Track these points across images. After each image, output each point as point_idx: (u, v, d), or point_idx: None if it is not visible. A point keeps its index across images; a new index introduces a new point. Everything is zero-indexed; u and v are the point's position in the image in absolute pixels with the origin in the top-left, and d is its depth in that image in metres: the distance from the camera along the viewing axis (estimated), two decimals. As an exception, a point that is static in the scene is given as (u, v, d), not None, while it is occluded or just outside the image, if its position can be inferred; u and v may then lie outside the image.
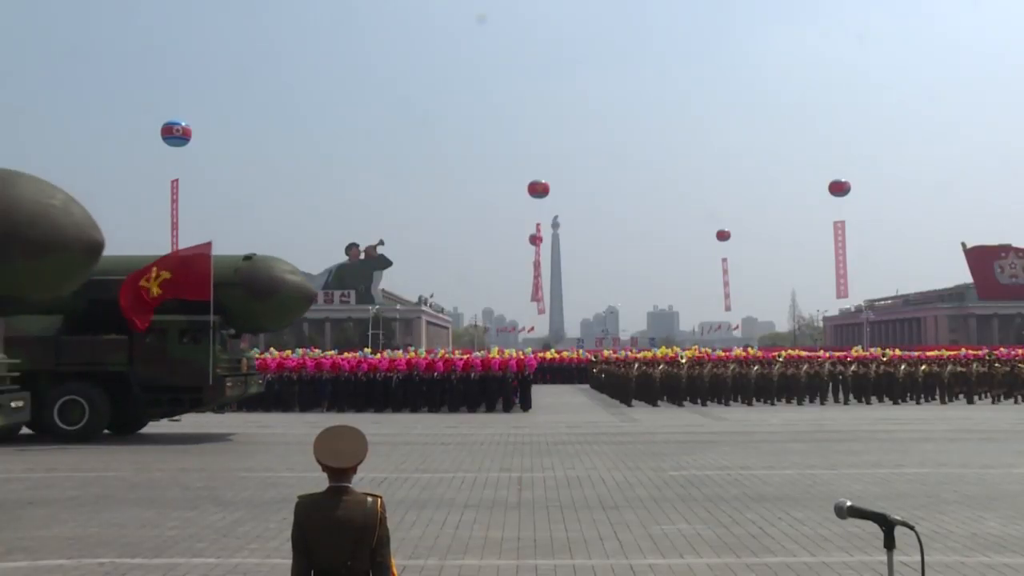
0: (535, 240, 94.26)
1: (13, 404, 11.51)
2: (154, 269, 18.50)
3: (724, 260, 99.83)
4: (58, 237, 10.30)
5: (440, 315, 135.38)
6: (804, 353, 48.53)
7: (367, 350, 37.04)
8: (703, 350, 52.46)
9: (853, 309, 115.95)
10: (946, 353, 44.96)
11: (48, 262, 10.32)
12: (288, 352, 33.88)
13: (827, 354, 45.36)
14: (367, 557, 3.84)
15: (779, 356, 41.95)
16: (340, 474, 3.88)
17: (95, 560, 8.21)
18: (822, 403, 32.27)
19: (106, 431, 19.73)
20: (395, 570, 3.99)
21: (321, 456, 3.88)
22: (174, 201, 67.63)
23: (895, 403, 32.26)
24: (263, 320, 21.75)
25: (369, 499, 3.89)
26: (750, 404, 31.42)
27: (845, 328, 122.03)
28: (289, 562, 3.96)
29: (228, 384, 19.53)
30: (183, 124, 40.74)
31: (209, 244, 19.32)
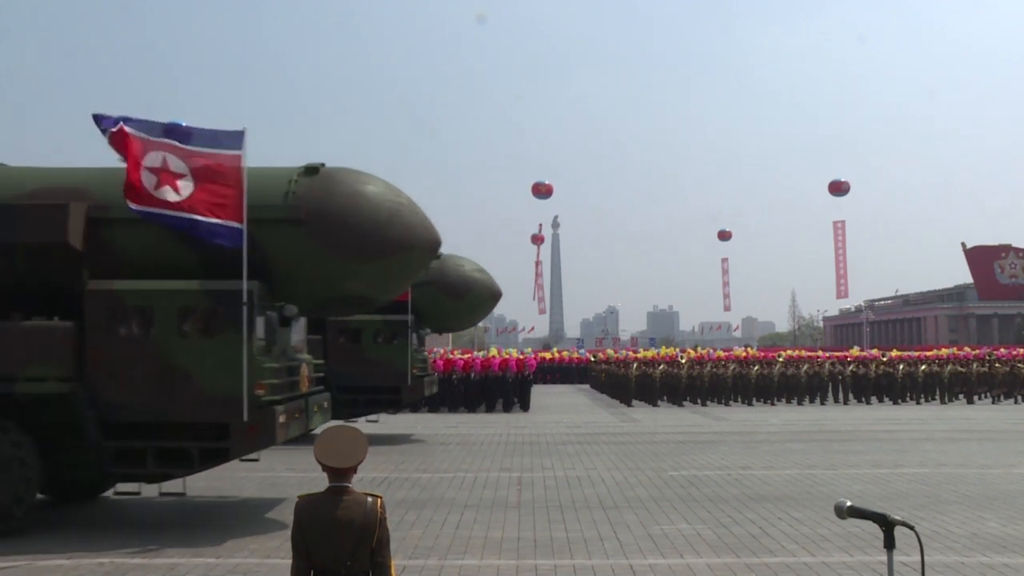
0: (536, 240, 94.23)
1: (325, 404, 11.52)
2: None
3: (724, 260, 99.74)
4: (410, 235, 10.23)
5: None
6: (804, 353, 48.53)
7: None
8: (703, 350, 52.45)
9: (853, 309, 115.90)
10: (945, 352, 44.98)
11: (400, 261, 10.28)
12: None
13: (826, 354, 45.36)
14: (367, 557, 3.84)
15: (779, 356, 41.94)
16: (340, 474, 3.88)
17: (94, 560, 8.22)
18: (822, 403, 32.26)
19: None
20: (394, 570, 3.99)
21: (321, 456, 3.88)
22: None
23: (895, 403, 32.24)
24: (452, 319, 21.60)
25: (369, 499, 3.89)
26: (750, 404, 31.42)
27: (845, 328, 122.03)
28: (289, 562, 3.96)
29: (425, 383, 19.36)
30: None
31: None
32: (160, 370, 9.31)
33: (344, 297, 10.45)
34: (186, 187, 9.20)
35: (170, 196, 9.12)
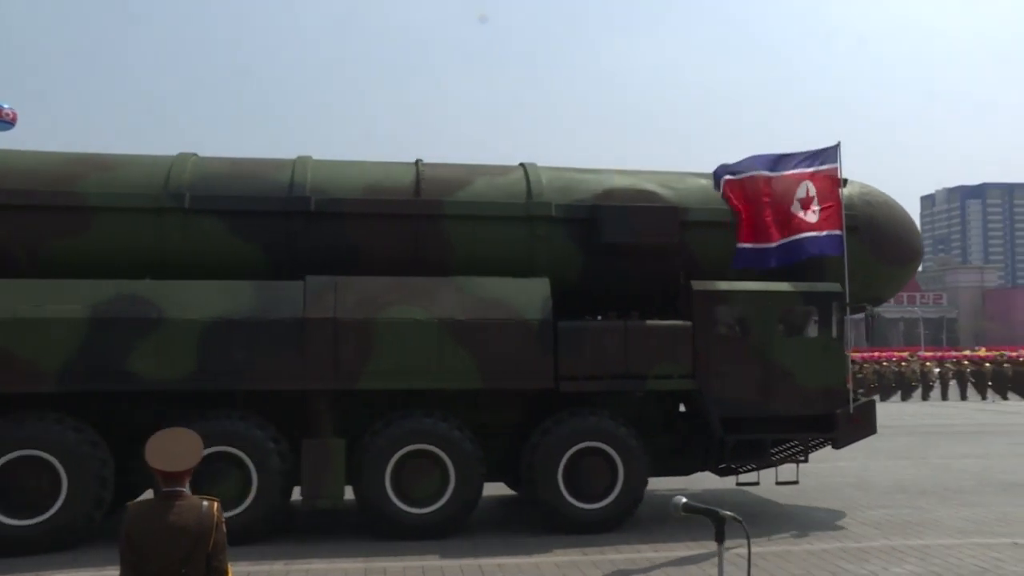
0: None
1: None
2: None
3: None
4: (919, 243, 11.38)
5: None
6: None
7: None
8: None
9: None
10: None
11: (914, 267, 11.44)
12: None
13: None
14: (203, 563, 3.72)
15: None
16: (173, 478, 3.72)
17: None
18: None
19: None
20: (231, 575, 3.87)
21: (152, 460, 3.70)
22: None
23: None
24: None
25: (204, 503, 3.76)
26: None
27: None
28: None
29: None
30: (6, 107, 36.80)
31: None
32: (763, 367, 9.72)
33: (866, 299, 10.95)
34: (816, 207, 9.96)
35: (811, 218, 9.93)
